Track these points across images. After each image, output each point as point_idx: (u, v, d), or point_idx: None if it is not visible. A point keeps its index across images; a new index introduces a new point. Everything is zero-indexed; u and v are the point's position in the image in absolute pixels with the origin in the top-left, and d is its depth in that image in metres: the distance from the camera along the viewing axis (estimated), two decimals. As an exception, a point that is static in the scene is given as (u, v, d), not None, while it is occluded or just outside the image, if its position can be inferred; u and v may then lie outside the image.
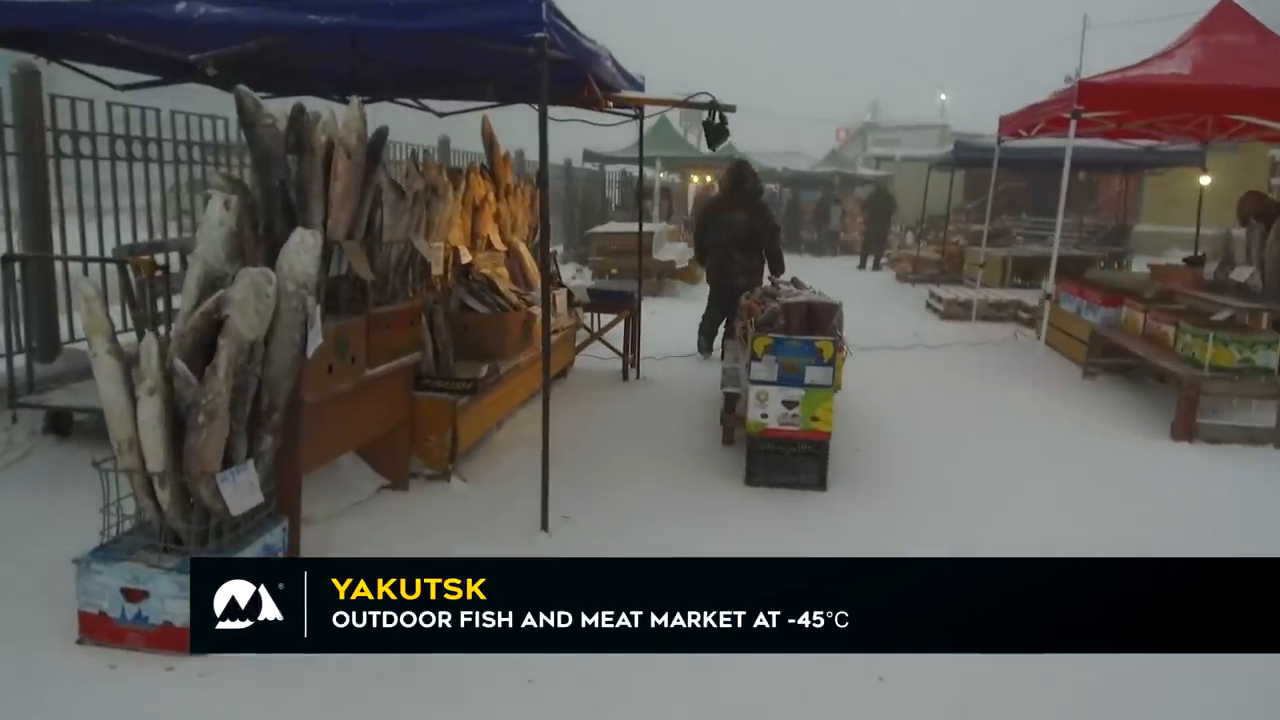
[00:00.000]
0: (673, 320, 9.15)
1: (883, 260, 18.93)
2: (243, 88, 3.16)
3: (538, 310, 5.10)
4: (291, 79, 5.43)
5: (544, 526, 3.88)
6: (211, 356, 2.76)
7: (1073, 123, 6.85)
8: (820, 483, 4.51)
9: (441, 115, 6.89)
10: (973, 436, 5.66)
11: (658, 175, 18.23)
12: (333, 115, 3.45)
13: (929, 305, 11.83)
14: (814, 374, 4.38)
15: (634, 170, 21.13)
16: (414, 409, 4.24)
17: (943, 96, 45.64)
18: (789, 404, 4.42)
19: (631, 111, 6.51)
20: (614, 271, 12.61)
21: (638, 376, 7.09)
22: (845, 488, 4.57)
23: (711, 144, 5.03)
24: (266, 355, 2.97)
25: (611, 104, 5.25)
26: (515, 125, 7.20)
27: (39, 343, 5.53)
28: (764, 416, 4.45)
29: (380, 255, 3.76)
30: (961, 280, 14.47)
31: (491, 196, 5.54)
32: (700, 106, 4.95)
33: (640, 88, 5.79)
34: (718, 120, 4.92)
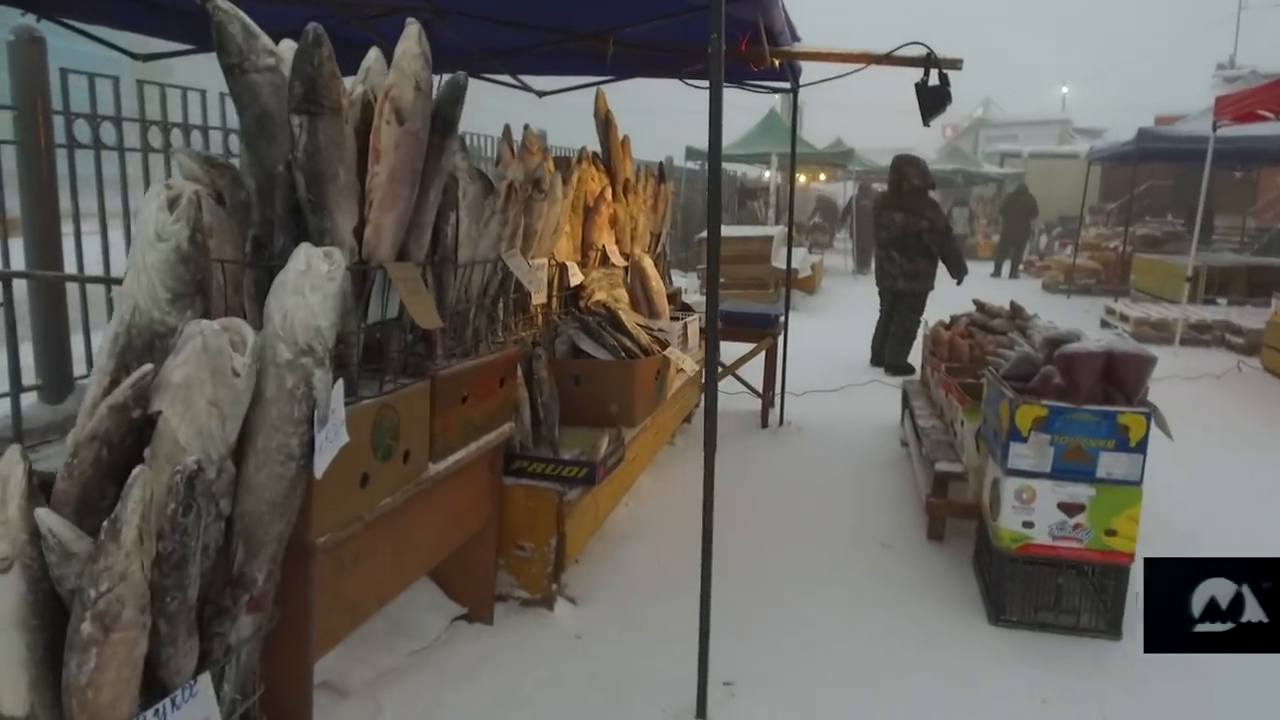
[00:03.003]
0: (805, 341, 7.61)
1: (1020, 266, 16.94)
2: (222, 3, 1.83)
3: (677, 353, 3.67)
4: (346, 53, 4.14)
5: (700, 713, 2.45)
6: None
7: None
8: (1112, 627, 2.95)
9: (542, 95, 5.56)
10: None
11: (772, 174, 16.68)
12: (378, 57, 2.10)
13: (1105, 324, 9.96)
14: (1113, 464, 2.83)
15: (737, 169, 19.62)
16: (503, 503, 2.88)
17: (1064, 89, 42.60)
18: (1070, 508, 2.87)
19: (784, 83, 5.05)
20: (722, 280, 11.17)
21: (781, 422, 5.60)
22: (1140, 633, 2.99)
23: (927, 115, 3.51)
24: (240, 480, 1.63)
25: (778, 64, 3.78)
26: (562, 103, 5.76)
27: (45, 378, 4.42)
28: (1027, 525, 2.92)
29: (456, 284, 2.39)
30: (1128, 292, 12.49)
31: (608, 194, 4.15)
32: (911, 63, 3.44)
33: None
34: (936, 81, 3.40)
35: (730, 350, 5.77)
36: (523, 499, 2.89)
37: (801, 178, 21.54)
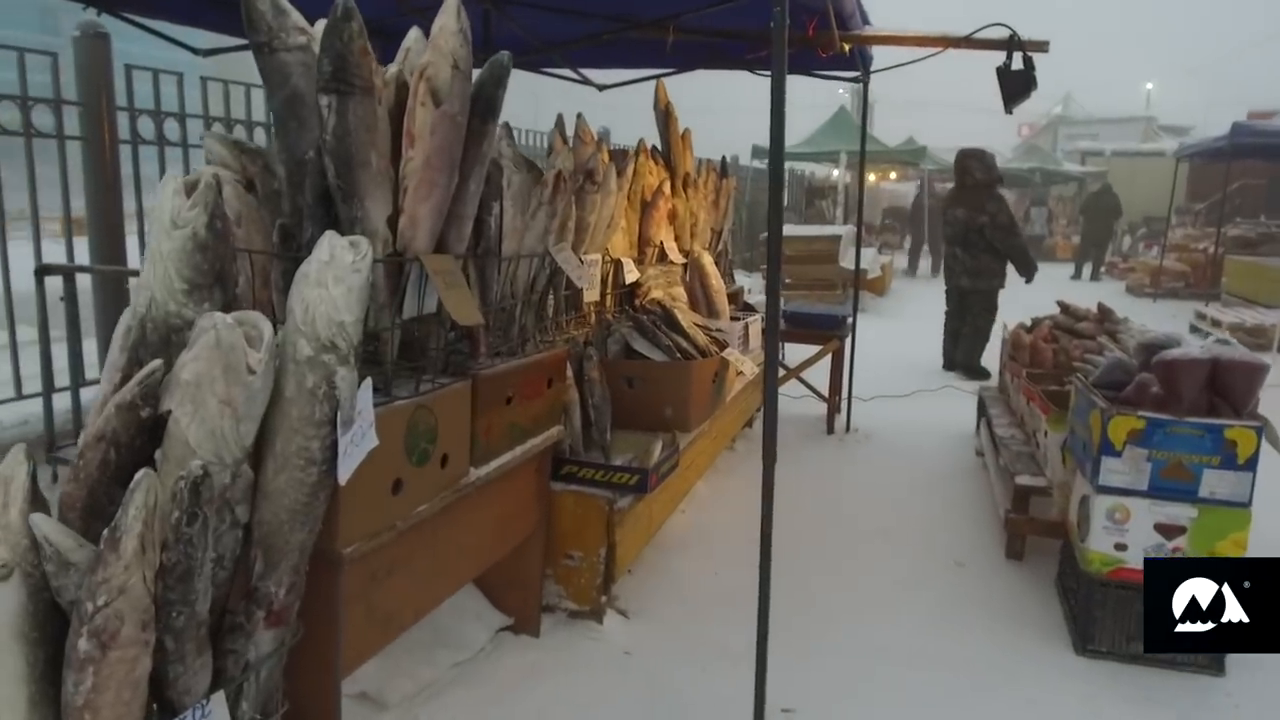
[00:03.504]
0: (873, 344, 7.31)
1: (1101, 268, 16.25)
2: (254, -21, 1.73)
3: (735, 355, 3.49)
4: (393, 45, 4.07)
5: (758, 740, 2.28)
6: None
7: None
8: (1215, 662, 2.67)
9: (602, 88, 5.44)
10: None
11: (841, 172, 16.31)
12: (418, 37, 1.98)
13: (1195, 329, 9.41)
14: (1218, 482, 2.56)
15: (805, 168, 19.24)
16: (551, 510, 2.75)
17: (1149, 86, 40.90)
18: (1168, 530, 2.61)
19: (854, 72, 4.83)
20: (788, 280, 10.92)
21: (848, 429, 5.36)
22: (1248, 668, 2.71)
23: (1010, 101, 3.27)
24: (258, 486, 1.51)
25: (848, 49, 3.57)
26: (627, 102, 5.58)
27: (108, 373, 4.43)
28: (1120, 548, 2.66)
29: (500, 279, 2.26)
30: (1219, 296, 11.83)
31: (667, 188, 4.00)
32: (993, 46, 3.20)
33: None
34: (1021, 65, 3.15)
35: (795, 353, 5.57)
36: (572, 506, 2.76)
37: (871, 176, 21.00)
